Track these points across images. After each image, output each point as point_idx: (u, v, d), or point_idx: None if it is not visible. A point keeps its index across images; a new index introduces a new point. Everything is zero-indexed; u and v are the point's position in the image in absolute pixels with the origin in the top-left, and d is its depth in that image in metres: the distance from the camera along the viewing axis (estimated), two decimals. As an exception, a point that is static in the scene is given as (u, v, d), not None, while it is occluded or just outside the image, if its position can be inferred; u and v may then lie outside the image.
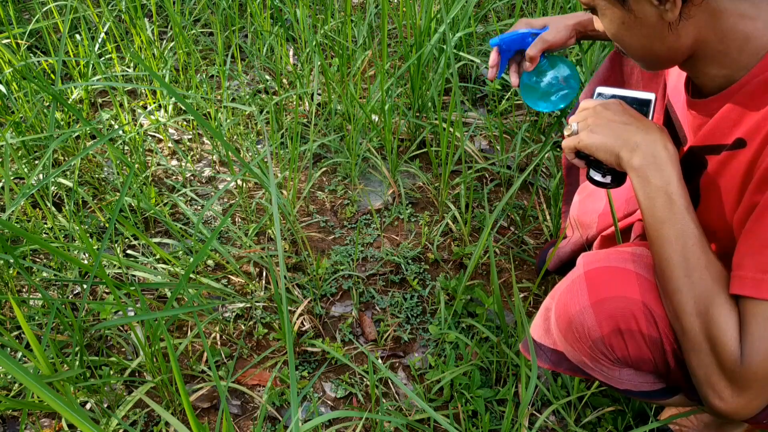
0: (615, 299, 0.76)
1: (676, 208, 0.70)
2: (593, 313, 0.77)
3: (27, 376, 0.52)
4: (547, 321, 0.87)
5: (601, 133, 0.76)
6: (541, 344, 0.89)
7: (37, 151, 1.62)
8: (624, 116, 0.76)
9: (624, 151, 0.73)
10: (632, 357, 0.78)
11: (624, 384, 0.85)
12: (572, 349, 0.82)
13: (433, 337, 1.25)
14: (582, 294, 0.78)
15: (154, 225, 1.52)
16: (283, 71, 2.02)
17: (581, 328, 0.78)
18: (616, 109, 0.77)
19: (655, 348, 0.77)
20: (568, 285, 0.81)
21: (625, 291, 0.76)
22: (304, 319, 1.29)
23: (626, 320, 0.75)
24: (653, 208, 0.71)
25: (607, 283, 0.77)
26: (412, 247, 1.47)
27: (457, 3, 1.52)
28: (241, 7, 2.38)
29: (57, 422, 1.10)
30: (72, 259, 0.92)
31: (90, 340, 1.23)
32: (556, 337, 0.85)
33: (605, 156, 0.75)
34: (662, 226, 0.71)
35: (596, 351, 0.79)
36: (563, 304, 0.81)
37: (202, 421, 1.13)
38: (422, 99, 1.71)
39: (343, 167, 1.68)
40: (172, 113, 1.83)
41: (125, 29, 2.21)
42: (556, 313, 0.83)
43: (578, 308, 0.78)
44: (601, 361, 0.81)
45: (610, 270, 0.78)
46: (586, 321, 0.77)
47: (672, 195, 0.70)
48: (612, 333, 0.76)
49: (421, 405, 0.72)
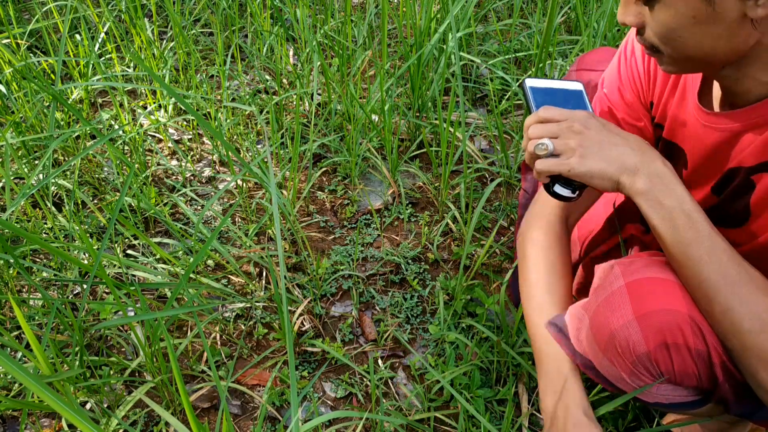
0: (661, 312, 0.71)
1: (699, 226, 0.67)
2: (639, 328, 0.72)
3: (27, 376, 0.52)
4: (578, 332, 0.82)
5: (594, 159, 0.71)
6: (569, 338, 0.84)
7: (37, 151, 1.62)
8: (610, 135, 0.72)
9: (624, 177, 0.70)
10: (677, 371, 0.74)
11: (656, 398, 0.81)
12: (611, 364, 0.77)
13: (433, 337, 1.25)
14: (625, 307, 0.73)
15: (154, 225, 1.52)
16: (283, 71, 2.02)
17: (625, 344, 0.73)
18: (597, 128, 0.73)
19: (702, 362, 0.73)
20: (606, 297, 0.76)
21: (671, 303, 0.71)
22: (304, 319, 1.29)
23: (673, 334, 0.71)
24: (675, 230, 0.68)
25: (651, 295, 0.72)
26: (412, 247, 1.47)
27: (457, 3, 1.52)
28: (241, 7, 2.38)
29: (57, 422, 1.10)
30: (72, 259, 0.92)
31: (90, 340, 1.23)
32: (588, 349, 0.80)
33: (601, 183, 0.71)
34: (689, 248, 0.68)
35: (639, 366, 0.74)
36: (603, 317, 0.75)
37: (202, 421, 1.13)
38: (422, 99, 1.71)
39: (343, 167, 1.68)
40: (172, 113, 1.83)
41: (125, 29, 2.21)
42: (593, 328, 0.77)
43: (622, 322, 0.73)
44: (642, 377, 0.76)
45: (652, 281, 0.73)
46: (631, 336, 0.72)
47: (691, 213, 0.68)
48: (658, 348, 0.72)
49: (452, 391, 0.72)
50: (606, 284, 0.77)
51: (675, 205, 0.68)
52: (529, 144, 0.75)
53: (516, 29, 2.14)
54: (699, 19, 0.63)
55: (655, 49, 0.70)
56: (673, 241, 0.69)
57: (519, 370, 1.17)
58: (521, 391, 1.15)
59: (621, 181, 0.70)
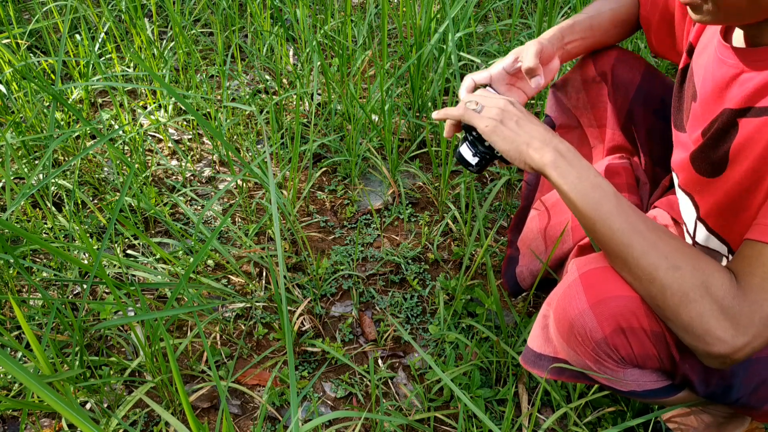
0: (614, 299, 0.75)
1: (604, 187, 0.73)
2: (593, 315, 0.76)
3: (27, 376, 0.52)
4: (546, 329, 0.87)
5: (508, 127, 0.81)
6: (541, 354, 0.88)
7: (37, 151, 1.62)
8: (527, 116, 0.82)
9: (532, 150, 0.78)
10: (637, 354, 0.78)
11: (629, 385, 0.84)
12: (575, 353, 0.81)
13: (433, 337, 1.25)
14: (579, 297, 0.78)
15: (154, 225, 1.52)
16: (283, 71, 2.02)
17: (583, 331, 0.78)
18: (518, 109, 0.83)
19: (659, 342, 0.76)
20: (564, 290, 0.81)
21: (623, 289, 0.75)
22: (304, 319, 1.29)
23: (627, 318, 0.75)
24: (583, 193, 0.74)
25: (603, 284, 0.77)
26: (412, 247, 1.47)
27: (457, 3, 1.52)
28: (241, 7, 2.38)
29: (57, 422, 1.10)
30: (72, 259, 0.92)
31: (90, 340, 1.23)
32: (557, 344, 0.84)
33: (513, 155, 0.79)
34: (599, 206, 0.73)
35: (600, 353, 0.79)
36: (562, 309, 0.80)
37: (202, 421, 1.13)
38: (422, 99, 1.71)
39: (343, 167, 1.68)
40: (172, 113, 1.83)
41: (125, 29, 2.21)
42: (555, 320, 0.82)
43: (577, 311, 0.78)
44: (605, 363, 0.81)
45: (605, 270, 0.78)
46: (587, 323, 0.77)
47: (595, 178, 0.74)
48: (614, 332, 0.76)
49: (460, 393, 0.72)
50: (565, 279, 0.83)
51: (580, 173, 0.75)
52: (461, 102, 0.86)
53: (516, 29, 2.14)
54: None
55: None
56: (583, 203, 0.74)
57: (519, 370, 1.17)
58: (521, 391, 1.15)
59: (529, 153, 0.78)
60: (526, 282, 1.17)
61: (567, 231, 1.08)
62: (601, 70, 1.10)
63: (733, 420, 0.99)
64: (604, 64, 1.10)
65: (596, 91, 1.12)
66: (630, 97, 1.09)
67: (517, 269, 1.19)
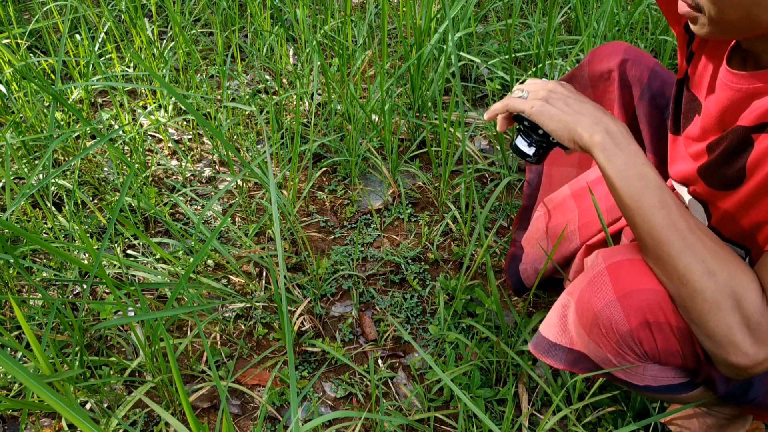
0: (641, 291, 0.74)
1: (650, 177, 0.71)
2: (620, 307, 0.74)
3: (27, 376, 0.52)
4: (564, 318, 0.85)
5: (556, 106, 0.78)
6: (556, 344, 0.87)
7: (37, 151, 1.62)
8: (576, 95, 0.79)
9: (581, 129, 0.75)
10: (660, 350, 0.76)
11: (646, 380, 0.83)
12: (596, 345, 0.79)
13: (433, 337, 1.25)
14: (606, 288, 0.76)
15: (154, 225, 1.52)
16: (283, 71, 2.02)
17: (608, 323, 0.76)
18: (567, 88, 0.80)
19: (684, 339, 0.75)
20: (589, 280, 0.79)
21: (651, 283, 0.74)
22: (304, 319, 1.29)
23: (654, 312, 0.73)
24: (627, 180, 0.71)
25: (631, 276, 0.75)
26: (412, 247, 1.47)
27: (457, 3, 1.52)
28: (241, 7, 2.38)
29: (57, 422, 1.10)
30: (72, 259, 0.92)
31: (90, 340, 1.23)
32: (575, 335, 0.83)
33: (561, 133, 0.77)
34: (641, 197, 0.71)
35: (623, 346, 0.77)
36: (586, 299, 0.78)
37: (202, 421, 1.13)
38: (422, 99, 1.71)
39: (343, 167, 1.68)
40: (172, 113, 1.83)
41: (125, 29, 2.21)
42: (577, 310, 0.80)
43: (603, 303, 0.76)
44: (627, 356, 0.78)
45: (633, 262, 0.76)
46: (613, 315, 0.75)
47: (643, 167, 0.71)
48: (640, 326, 0.74)
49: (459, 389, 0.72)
50: (589, 269, 0.81)
51: (628, 159, 0.72)
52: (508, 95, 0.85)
53: (516, 29, 2.14)
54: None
55: (698, 7, 0.70)
56: (626, 191, 0.72)
57: (519, 370, 1.17)
58: (521, 391, 1.15)
59: (578, 131, 0.75)
60: (531, 280, 1.17)
61: (574, 230, 1.07)
62: (609, 67, 1.10)
63: (735, 422, 0.99)
64: (613, 61, 1.09)
65: (604, 88, 1.12)
66: (638, 94, 1.09)
67: (520, 266, 1.19)
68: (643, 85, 1.08)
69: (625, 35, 1.88)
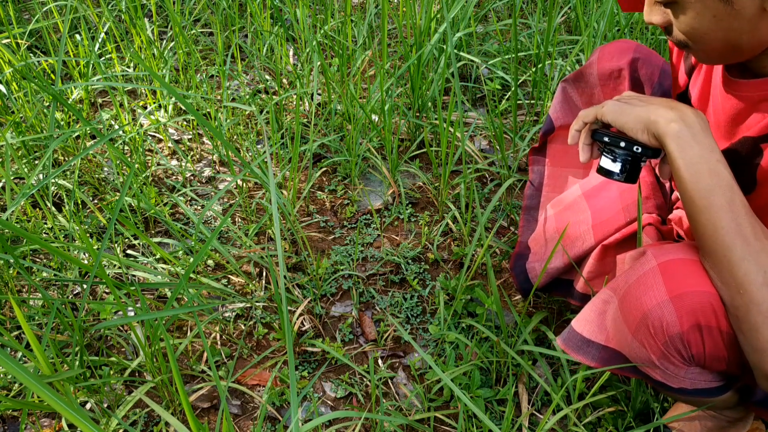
0: (695, 294, 0.71)
1: (722, 176, 0.67)
2: (673, 308, 0.71)
3: (27, 376, 0.52)
4: (603, 315, 0.82)
5: (630, 102, 0.75)
6: (590, 341, 0.84)
7: (37, 151, 1.62)
8: (650, 98, 0.76)
9: (659, 118, 0.71)
10: (708, 355, 0.74)
11: (683, 383, 0.80)
12: (640, 345, 0.76)
13: (433, 337, 1.25)
14: (658, 287, 0.73)
15: (154, 225, 1.52)
16: (283, 71, 2.02)
17: (658, 323, 0.73)
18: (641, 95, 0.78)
19: (732, 346, 0.73)
20: (639, 278, 0.76)
21: (705, 285, 0.71)
22: (304, 319, 1.29)
23: (707, 316, 0.71)
24: (698, 176, 0.68)
25: (685, 277, 0.72)
26: (412, 247, 1.47)
27: (457, 3, 1.52)
28: (241, 7, 2.38)
29: (57, 422, 1.10)
30: (72, 259, 0.92)
31: (90, 340, 1.23)
32: (613, 333, 0.80)
33: (634, 125, 0.73)
34: (711, 195, 0.67)
35: (670, 348, 0.74)
36: (634, 298, 0.75)
37: (202, 421, 1.13)
38: (422, 99, 1.71)
39: (343, 167, 1.68)
40: (172, 113, 1.83)
41: (125, 29, 2.21)
42: (623, 308, 0.77)
43: (655, 302, 0.73)
44: (672, 358, 0.76)
45: (685, 262, 0.73)
46: (665, 316, 0.72)
47: (716, 163, 0.68)
48: (691, 329, 0.72)
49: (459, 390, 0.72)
50: (637, 266, 0.77)
51: (703, 152, 0.68)
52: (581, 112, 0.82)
53: (516, 29, 2.14)
54: (720, 18, 0.65)
55: (684, 44, 0.71)
56: (696, 187, 0.68)
57: (519, 370, 1.17)
58: (521, 391, 1.15)
59: (653, 119, 0.71)
60: (543, 280, 1.16)
61: (587, 230, 1.06)
62: (619, 65, 1.09)
63: (737, 424, 0.99)
64: (623, 59, 1.09)
65: (613, 86, 1.11)
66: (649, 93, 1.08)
67: (528, 265, 1.17)
68: (654, 83, 1.07)
69: (625, 35, 1.88)
